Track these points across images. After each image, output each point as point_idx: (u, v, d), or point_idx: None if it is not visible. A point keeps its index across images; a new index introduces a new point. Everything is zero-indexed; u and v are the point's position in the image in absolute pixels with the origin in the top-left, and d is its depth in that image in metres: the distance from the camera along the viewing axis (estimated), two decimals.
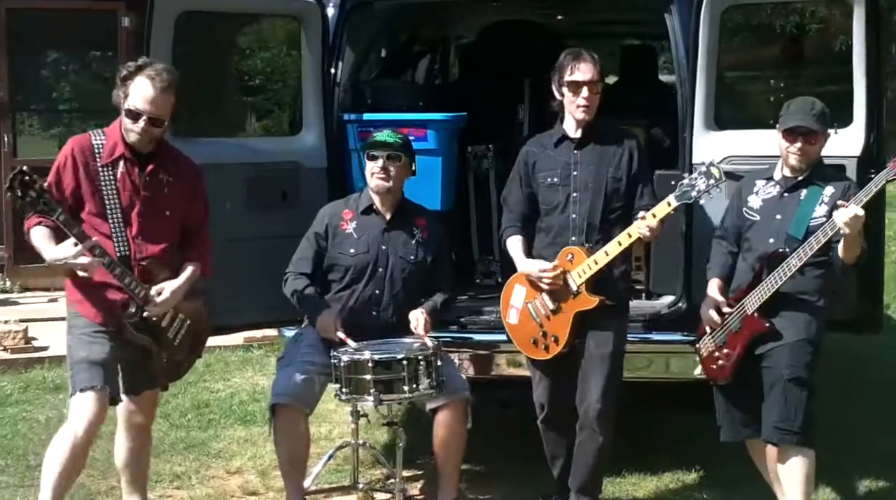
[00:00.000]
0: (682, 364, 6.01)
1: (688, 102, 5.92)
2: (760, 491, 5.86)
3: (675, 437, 6.84)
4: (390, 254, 5.71)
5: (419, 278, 5.76)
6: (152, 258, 5.00)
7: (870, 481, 6.16)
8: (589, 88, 5.41)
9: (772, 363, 5.14)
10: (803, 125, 5.10)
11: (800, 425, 5.08)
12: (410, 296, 5.74)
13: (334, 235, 5.75)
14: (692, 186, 5.15)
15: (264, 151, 6.23)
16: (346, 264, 5.72)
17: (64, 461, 4.88)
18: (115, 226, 4.90)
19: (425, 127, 6.22)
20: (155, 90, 4.83)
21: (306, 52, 6.11)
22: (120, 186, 4.93)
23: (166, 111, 4.91)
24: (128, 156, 4.95)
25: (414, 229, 5.77)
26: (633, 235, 5.27)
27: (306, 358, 5.58)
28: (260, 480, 6.29)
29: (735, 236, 5.42)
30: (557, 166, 5.54)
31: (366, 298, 5.70)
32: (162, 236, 5.06)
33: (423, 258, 5.76)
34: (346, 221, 5.75)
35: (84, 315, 4.99)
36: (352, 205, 5.82)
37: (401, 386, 5.17)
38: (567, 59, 5.48)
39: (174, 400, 7.70)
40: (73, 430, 4.89)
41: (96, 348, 4.93)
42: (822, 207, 5.13)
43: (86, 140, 4.97)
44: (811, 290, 5.15)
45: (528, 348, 5.65)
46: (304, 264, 5.77)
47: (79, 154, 4.91)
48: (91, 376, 4.88)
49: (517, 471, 6.14)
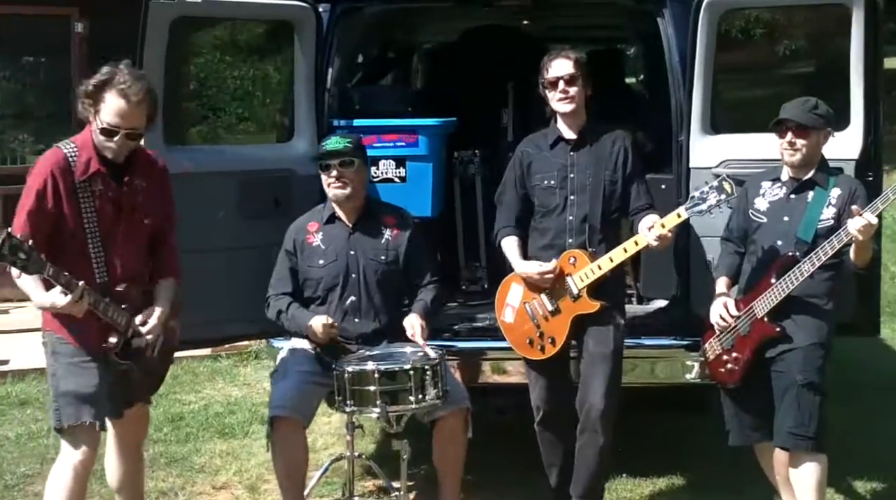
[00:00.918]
0: (670, 368, 5.99)
1: (682, 107, 5.89)
2: (760, 496, 5.87)
3: (665, 441, 6.80)
4: (360, 258, 5.60)
5: (395, 277, 5.66)
6: (131, 280, 4.82)
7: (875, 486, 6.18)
8: (565, 82, 5.41)
9: (783, 368, 5.11)
10: (792, 119, 5.10)
11: (814, 430, 5.05)
12: (391, 297, 5.66)
13: (302, 250, 5.65)
14: (703, 200, 5.12)
15: (257, 159, 6.08)
16: (316, 277, 5.62)
17: (74, 491, 4.73)
18: (96, 251, 4.68)
19: (416, 132, 6.14)
20: (130, 105, 4.57)
21: (299, 58, 5.97)
22: (98, 204, 4.69)
23: (143, 121, 4.69)
24: (103, 171, 4.70)
25: (382, 229, 5.67)
26: (640, 243, 5.24)
27: (303, 369, 5.47)
28: (249, 495, 6.18)
29: (741, 238, 5.39)
30: (553, 169, 5.50)
31: (344, 307, 5.59)
32: (140, 252, 4.89)
33: (396, 257, 5.65)
34: (311, 234, 5.66)
35: (68, 342, 4.76)
36: (316, 216, 5.72)
37: (406, 397, 5.03)
38: (544, 60, 5.51)
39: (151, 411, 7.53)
40: (71, 465, 4.72)
41: (85, 379, 4.72)
42: (830, 208, 5.11)
43: (61, 158, 4.65)
44: (820, 293, 5.13)
45: (522, 348, 5.60)
46: (284, 284, 5.67)
47: (59, 174, 4.61)
48: (79, 411, 4.68)
49: (514, 480, 6.07)
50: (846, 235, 4.88)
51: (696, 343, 5.91)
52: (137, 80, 4.62)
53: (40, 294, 4.57)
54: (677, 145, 5.93)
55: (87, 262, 4.68)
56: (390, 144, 6.17)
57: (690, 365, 6.01)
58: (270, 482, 6.33)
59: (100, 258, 4.70)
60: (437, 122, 6.28)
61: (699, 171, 5.78)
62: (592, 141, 5.50)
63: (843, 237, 4.90)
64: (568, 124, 5.51)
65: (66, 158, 4.66)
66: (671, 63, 5.99)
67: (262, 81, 7.32)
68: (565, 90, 5.41)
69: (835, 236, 4.94)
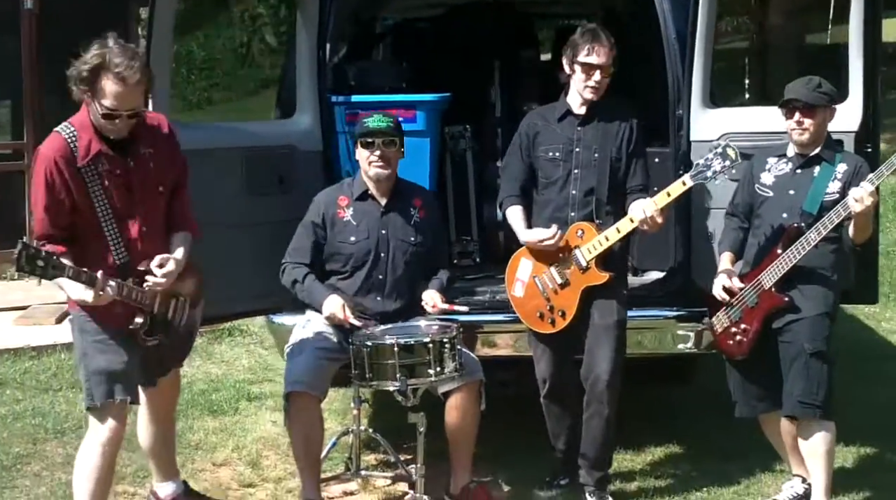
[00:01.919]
0: (659, 339, 6.09)
1: (680, 81, 5.96)
2: (756, 463, 6.01)
3: (653, 411, 6.90)
4: (390, 238, 5.62)
5: (420, 259, 5.69)
6: (154, 253, 4.76)
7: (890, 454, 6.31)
8: (601, 72, 5.44)
9: (791, 338, 5.21)
10: (799, 99, 5.18)
11: (822, 398, 5.16)
12: (413, 279, 5.68)
13: (333, 224, 5.63)
14: (707, 166, 5.20)
15: (260, 135, 6.04)
16: (347, 253, 5.61)
17: (97, 477, 4.74)
18: (111, 232, 4.63)
19: (414, 108, 6.15)
20: (128, 88, 4.45)
21: (301, 32, 5.95)
22: (108, 184, 4.61)
23: (142, 99, 4.61)
24: (105, 151, 4.62)
25: (411, 211, 5.69)
26: (647, 211, 5.29)
27: (317, 345, 5.47)
28: (253, 471, 6.15)
29: (746, 212, 5.47)
30: (560, 141, 5.56)
31: (370, 284, 5.61)
32: (160, 225, 4.84)
33: (424, 239, 5.68)
34: (343, 209, 5.64)
35: (96, 320, 4.72)
36: (346, 191, 5.70)
37: (425, 370, 5.06)
38: (584, 38, 5.47)
39: None
40: (101, 443, 4.72)
41: (113, 356, 4.70)
42: (836, 183, 5.21)
43: (61, 143, 4.55)
44: (825, 265, 5.23)
45: (533, 322, 5.64)
46: (302, 254, 5.64)
47: (62, 162, 4.53)
48: (109, 389, 4.67)
49: (521, 453, 6.12)
50: (837, 216, 5.00)
51: (688, 314, 6.07)
52: (132, 59, 4.47)
53: (73, 288, 4.53)
54: (675, 119, 5.99)
55: (104, 244, 4.64)
56: None
57: (682, 335, 6.11)
58: (270, 457, 6.37)
59: (116, 239, 4.65)
60: (434, 97, 6.30)
61: (700, 144, 5.85)
62: (600, 117, 5.55)
63: (850, 205, 5.00)
64: (581, 101, 5.55)
65: (67, 142, 4.57)
66: (667, 37, 6.05)
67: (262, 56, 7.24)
68: (599, 81, 5.44)
69: (840, 205, 5.04)
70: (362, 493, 5.90)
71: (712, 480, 5.86)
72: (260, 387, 7.71)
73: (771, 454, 5.90)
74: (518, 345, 6.08)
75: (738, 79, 6.50)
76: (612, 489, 5.72)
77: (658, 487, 5.84)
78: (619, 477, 5.90)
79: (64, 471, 6.09)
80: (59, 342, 8.58)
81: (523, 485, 5.88)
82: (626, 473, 6.02)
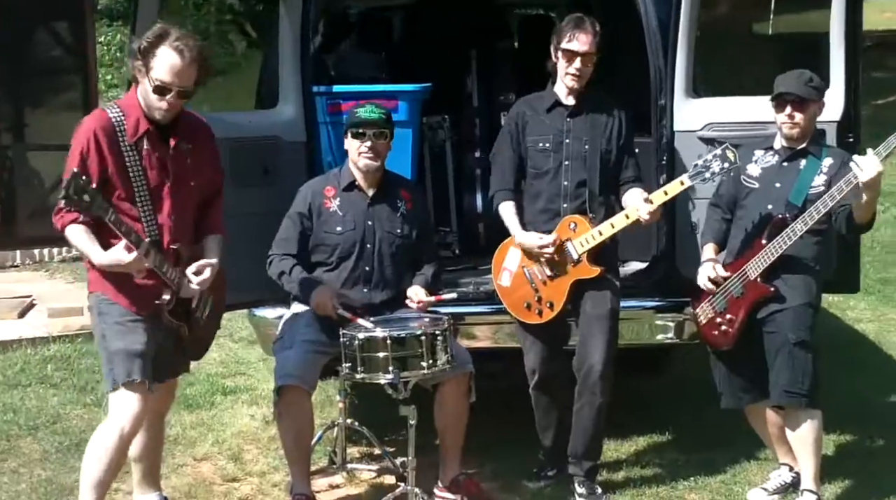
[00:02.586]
0: (637, 330, 6.11)
1: (662, 71, 5.96)
2: (739, 452, 6.06)
3: (634, 401, 6.91)
4: (377, 229, 5.58)
5: (407, 251, 5.66)
6: (182, 240, 4.79)
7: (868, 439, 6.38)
8: (583, 59, 5.43)
9: (775, 328, 5.24)
10: (792, 93, 5.20)
11: (808, 387, 5.20)
12: (399, 271, 5.64)
13: (319, 214, 5.58)
14: (706, 168, 5.20)
15: (245, 126, 5.96)
16: (333, 243, 5.57)
17: (109, 460, 4.68)
18: (145, 210, 4.64)
19: (396, 98, 6.09)
20: (184, 62, 4.53)
21: (285, 21, 5.88)
22: (147, 165, 4.65)
23: (193, 80, 4.64)
24: (152, 131, 4.66)
25: (398, 202, 5.65)
26: (643, 209, 5.29)
27: (305, 338, 5.42)
28: (236, 466, 6.10)
29: (730, 204, 5.49)
30: (549, 132, 5.54)
31: (356, 275, 5.57)
32: (189, 213, 4.86)
33: (410, 231, 5.65)
34: (329, 199, 5.59)
35: (118, 303, 4.70)
36: (332, 181, 5.65)
37: (418, 362, 5.03)
38: (568, 25, 5.47)
39: (102, 386, 7.36)
40: (119, 426, 4.67)
41: (134, 337, 4.67)
42: (822, 176, 5.24)
43: (104, 118, 4.60)
44: (809, 255, 5.27)
45: (519, 312, 5.63)
46: (289, 245, 5.59)
47: (101, 135, 4.55)
48: (130, 369, 4.63)
49: (507, 444, 6.12)
50: (839, 192, 5.01)
51: (668, 304, 6.10)
52: (191, 38, 4.60)
53: (98, 251, 4.53)
54: (657, 109, 5.99)
55: (135, 221, 4.62)
56: None
57: (660, 326, 6.14)
58: (251, 451, 6.33)
59: (149, 217, 4.65)
60: (417, 87, 6.25)
61: (684, 134, 5.88)
62: (589, 109, 5.55)
63: (836, 196, 5.02)
64: (568, 91, 5.54)
65: (111, 119, 4.60)
66: (648, 28, 6.04)
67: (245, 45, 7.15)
68: (580, 68, 5.43)
69: (827, 196, 5.07)
70: (348, 486, 5.86)
71: (698, 469, 5.90)
72: (234, 381, 7.64)
73: (754, 443, 5.98)
74: (498, 337, 6.07)
75: (721, 68, 6.50)
76: (600, 478, 5.72)
77: (645, 476, 5.86)
78: (605, 467, 5.91)
79: (42, 467, 6.05)
80: (25, 337, 8.49)
81: (511, 477, 5.89)
82: (611, 463, 6.03)
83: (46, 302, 9.39)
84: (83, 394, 7.29)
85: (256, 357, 8.21)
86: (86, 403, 7.11)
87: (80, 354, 8.16)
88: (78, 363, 7.95)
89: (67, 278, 10.97)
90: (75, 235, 4.55)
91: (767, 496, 5.52)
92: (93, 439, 4.76)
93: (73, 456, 6.12)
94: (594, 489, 5.60)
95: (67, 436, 6.48)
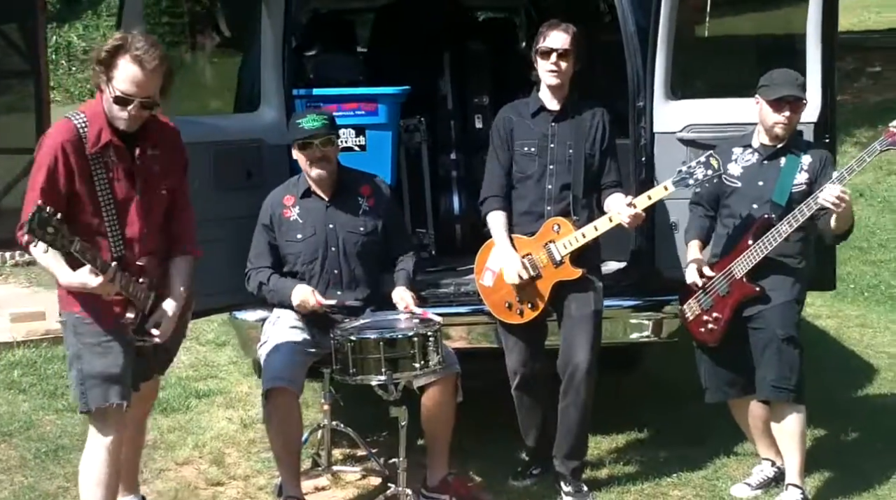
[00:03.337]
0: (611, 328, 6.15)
1: (639, 73, 6.03)
2: (715, 448, 6.14)
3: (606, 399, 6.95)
4: (338, 231, 5.59)
5: (375, 248, 5.67)
6: (150, 256, 4.70)
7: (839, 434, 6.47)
8: (557, 56, 5.49)
9: (762, 324, 5.33)
10: (792, 94, 5.28)
11: (795, 382, 5.30)
12: (371, 267, 5.67)
13: (280, 225, 5.61)
14: (690, 174, 5.25)
15: (227, 129, 5.94)
16: (295, 251, 5.60)
17: (105, 483, 4.64)
18: (111, 225, 4.53)
19: (376, 101, 6.12)
20: (145, 72, 4.39)
21: (266, 24, 5.86)
22: (113, 176, 4.52)
23: (157, 89, 4.52)
24: (116, 142, 4.53)
25: (359, 200, 5.66)
26: (626, 213, 5.34)
27: (292, 340, 5.44)
28: (219, 469, 6.08)
29: (711, 202, 5.57)
30: (535, 137, 5.60)
31: (326, 280, 5.59)
32: (157, 226, 4.74)
33: (375, 227, 5.65)
34: (288, 208, 5.62)
35: (90, 321, 4.60)
36: (292, 190, 5.67)
37: (410, 364, 5.02)
38: (542, 28, 5.57)
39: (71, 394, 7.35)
40: (103, 447, 4.63)
41: (111, 359, 4.59)
42: (803, 174, 5.34)
43: (71, 130, 4.45)
44: (794, 253, 5.36)
45: (500, 311, 5.68)
46: (263, 259, 5.64)
47: (69, 148, 4.41)
48: (107, 393, 4.57)
49: (490, 444, 6.16)
50: (824, 197, 5.08)
51: (644, 303, 6.18)
52: (153, 46, 4.45)
53: (66, 272, 4.44)
54: (635, 111, 6.06)
55: (102, 236, 4.54)
56: (350, 112, 6.12)
57: (635, 324, 6.21)
58: (232, 455, 6.32)
59: (115, 232, 4.55)
60: (397, 90, 6.27)
61: (663, 135, 5.94)
62: (574, 114, 5.61)
63: (820, 200, 5.11)
64: (552, 95, 5.60)
65: (77, 129, 4.47)
66: (626, 31, 6.10)
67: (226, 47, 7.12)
68: (557, 64, 5.49)
69: (811, 198, 5.16)
70: (334, 488, 5.87)
71: (678, 465, 5.96)
72: (206, 384, 7.60)
73: (730, 440, 6.11)
74: (471, 337, 6.10)
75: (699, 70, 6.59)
76: (584, 477, 5.76)
77: (628, 473, 5.92)
78: (588, 465, 5.91)
79: (22, 474, 6.01)
80: None
81: (495, 476, 5.92)
82: (593, 461, 6.06)
83: (5, 307, 9.28)
84: (54, 399, 7.23)
85: (226, 360, 8.21)
86: (57, 409, 7.05)
87: (45, 359, 8.08)
88: (45, 369, 7.88)
89: (22, 281, 10.89)
90: (45, 257, 4.41)
91: (751, 491, 5.60)
92: (83, 464, 4.70)
93: (53, 462, 6.12)
94: (580, 487, 5.64)
95: (44, 442, 6.43)
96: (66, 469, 5.97)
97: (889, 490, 5.62)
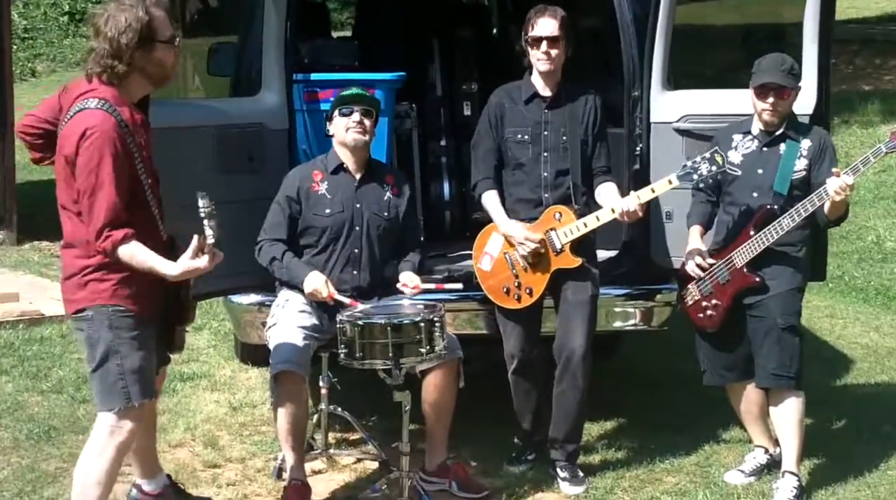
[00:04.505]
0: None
1: (635, 63, 6.08)
2: (704, 436, 6.23)
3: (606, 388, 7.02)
4: (365, 211, 5.64)
5: (393, 235, 5.73)
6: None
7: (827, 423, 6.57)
8: (548, 43, 5.53)
9: (763, 312, 5.41)
10: (774, 81, 5.36)
11: (795, 370, 5.39)
12: (386, 254, 5.72)
13: (308, 198, 5.62)
14: (695, 169, 5.31)
15: (228, 113, 5.92)
16: (322, 226, 5.61)
17: (106, 482, 4.56)
18: (154, 204, 4.52)
19: (374, 87, 6.10)
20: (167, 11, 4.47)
21: (270, 7, 5.85)
22: (143, 156, 4.45)
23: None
24: (142, 121, 4.51)
25: (384, 187, 5.73)
26: (630, 205, 5.42)
27: (300, 324, 5.44)
28: (214, 451, 6.08)
29: (713, 187, 5.63)
30: (528, 124, 5.65)
31: (345, 258, 5.63)
32: None
33: (396, 215, 5.72)
34: (317, 183, 5.64)
35: (133, 312, 4.48)
36: (319, 166, 5.70)
37: (416, 349, 5.05)
38: (530, 15, 5.61)
39: (55, 373, 7.34)
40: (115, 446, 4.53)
41: (146, 352, 4.54)
42: (802, 159, 5.43)
43: (112, 118, 4.29)
44: (794, 242, 5.44)
45: (498, 296, 5.73)
46: (279, 230, 5.62)
47: (118, 136, 4.29)
48: (145, 389, 4.53)
49: (484, 429, 6.19)
50: (826, 193, 5.18)
51: (634, 291, 6.25)
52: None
53: (167, 263, 4.36)
54: (630, 101, 6.11)
55: (152, 219, 4.53)
56: None
57: (619, 312, 6.27)
58: (224, 437, 6.32)
59: (159, 211, 4.56)
60: (393, 76, 6.29)
61: (660, 125, 6.00)
62: (567, 100, 5.66)
63: (824, 196, 5.21)
64: (544, 81, 5.65)
65: (113, 116, 4.32)
66: (622, 21, 6.15)
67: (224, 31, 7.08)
68: (547, 51, 5.53)
69: (815, 194, 5.24)
70: (331, 471, 5.89)
71: (670, 452, 6.03)
72: (189, 367, 7.56)
73: (720, 427, 6.26)
74: (457, 323, 6.11)
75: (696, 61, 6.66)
76: (578, 463, 5.82)
77: (621, 459, 6.00)
78: (581, 451, 5.96)
79: (18, 455, 5.97)
80: None
81: (491, 461, 5.97)
82: (586, 447, 6.09)
83: None
84: (37, 381, 7.17)
85: (205, 343, 8.19)
86: (42, 390, 6.99)
87: (24, 340, 8.02)
88: (25, 350, 7.80)
89: None
90: (136, 251, 4.32)
91: (744, 478, 5.69)
92: (86, 460, 4.56)
93: (47, 444, 6.09)
94: (576, 472, 5.71)
95: (34, 423, 6.38)
96: (61, 451, 5.96)
97: (878, 478, 5.72)
